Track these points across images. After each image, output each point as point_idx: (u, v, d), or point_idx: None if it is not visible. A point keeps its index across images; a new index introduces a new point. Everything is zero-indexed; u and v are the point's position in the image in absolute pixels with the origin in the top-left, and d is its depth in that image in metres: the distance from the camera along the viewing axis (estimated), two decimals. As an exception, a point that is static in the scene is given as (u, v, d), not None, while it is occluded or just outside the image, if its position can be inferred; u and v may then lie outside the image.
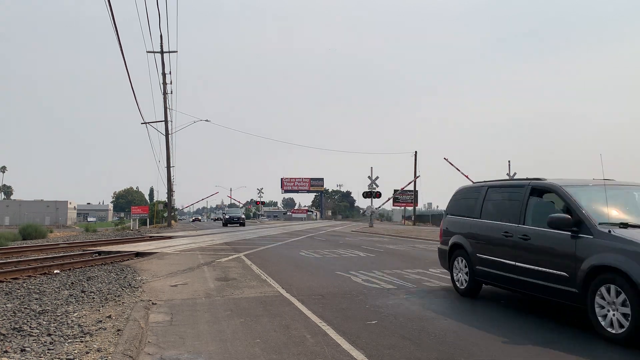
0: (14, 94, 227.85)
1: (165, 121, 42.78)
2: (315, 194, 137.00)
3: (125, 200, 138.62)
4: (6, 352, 4.87)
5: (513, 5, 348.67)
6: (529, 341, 5.46)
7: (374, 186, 45.37)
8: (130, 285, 9.32)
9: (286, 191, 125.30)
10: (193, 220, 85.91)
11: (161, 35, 53.92)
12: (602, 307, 5.42)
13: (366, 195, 45.95)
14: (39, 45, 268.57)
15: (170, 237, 25.66)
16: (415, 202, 73.30)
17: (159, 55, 41.48)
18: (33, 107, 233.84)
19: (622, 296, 5.16)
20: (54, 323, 6.13)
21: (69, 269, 11.98)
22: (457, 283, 8.39)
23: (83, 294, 8.27)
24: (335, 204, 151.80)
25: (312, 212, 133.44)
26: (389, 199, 66.17)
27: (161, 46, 40.99)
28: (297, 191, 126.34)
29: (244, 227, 45.20)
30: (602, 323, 5.38)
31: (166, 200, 47.73)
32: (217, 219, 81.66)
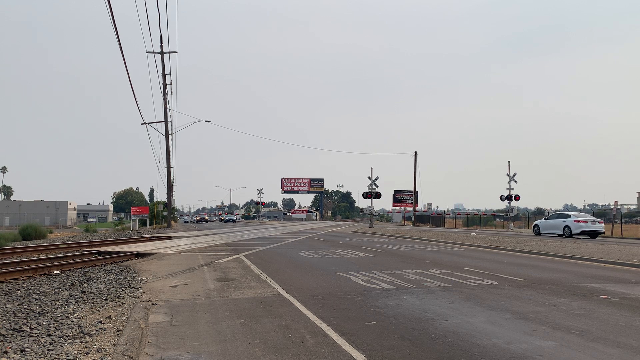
0: (14, 94, 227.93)
1: (165, 122, 42.78)
2: (315, 194, 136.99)
3: (125, 201, 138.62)
4: (6, 352, 4.87)
5: (512, 6, 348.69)
6: (529, 344, 5.46)
7: (374, 186, 45.36)
8: (130, 285, 9.32)
9: (286, 191, 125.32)
10: (198, 221, 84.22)
11: (161, 36, 54.03)
12: None
13: (366, 195, 45.96)
14: (38, 46, 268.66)
15: (170, 238, 25.66)
16: (415, 202, 73.32)
17: (159, 56, 41.51)
18: (33, 107, 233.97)
19: None
20: (53, 323, 6.13)
21: (69, 270, 11.98)
22: None
23: (83, 295, 8.27)
24: (335, 204, 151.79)
25: (312, 212, 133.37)
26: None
27: (161, 47, 41.01)
28: (297, 191, 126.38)
29: (235, 223, 78.03)
30: None
31: (166, 200, 47.71)
32: (222, 220, 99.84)
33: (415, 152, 65.63)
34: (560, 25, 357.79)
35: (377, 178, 45.29)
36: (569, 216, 29.50)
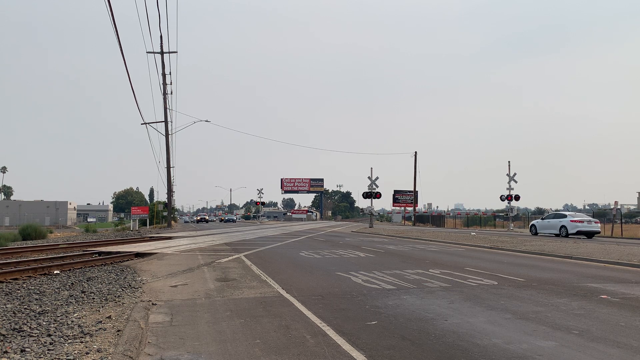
0: (14, 94, 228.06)
1: (165, 122, 42.77)
2: (315, 194, 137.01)
3: (125, 201, 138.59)
4: (6, 352, 4.87)
5: (512, 6, 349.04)
6: (529, 344, 5.46)
7: (374, 186, 45.35)
8: (130, 285, 9.32)
9: (286, 191, 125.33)
10: (199, 221, 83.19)
11: (161, 36, 54.03)
12: None
13: (366, 195, 45.95)
14: (38, 46, 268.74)
15: (170, 238, 25.66)
16: (415, 202, 73.32)
17: (159, 56, 41.51)
18: (33, 107, 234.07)
19: None
20: (54, 323, 6.13)
21: (69, 270, 11.98)
22: None
23: (83, 295, 8.27)
24: (335, 204, 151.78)
25: (312, 212, 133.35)
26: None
27: (161, 47, 41.01)
28: (297, 191, 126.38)
29: (235, 223, 78.15)
30: None
31: (166, 200, 47.71)
32: (222, 220, 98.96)
33: (415, 152, 65.69)
34: (560, 25, 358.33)
35: (377, 178, 45.29)
36: (565, 216, 30.03)
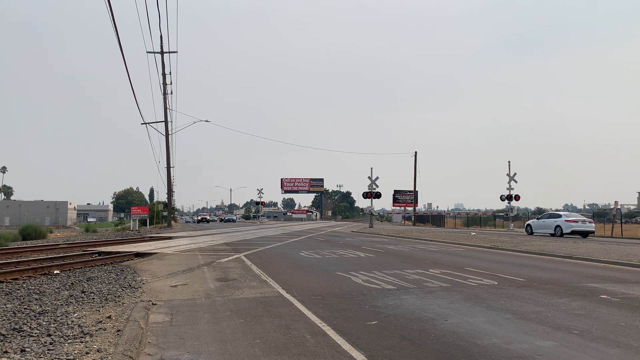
0: (14, 94, 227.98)
1: (165, 122, 42.76)
2: (315, 194, 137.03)
3: (125, 201, 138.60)
4: (6, 352, 4.87)
5: (512, 7, 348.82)
6: (529, 344, 5.46)
7: (374, 186, 45.34)
8: (130, 285, 9.31)
9: (286, 191, 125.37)
10: (199, 221, 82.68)
11: (161, 36, 54.02)
12: None
13: (366, 195, 45.94)
14: (38, 46, 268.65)
15: (170, 238, 25.65)
16: (415, 202, 73.33)
17: (159, 56, 41.51)
18: (33, 107, 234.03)
19: None
20: (54, 323, 6.12)
21: (69, 270, 11.97)
22: None
23: (83, 295, 8.26)
24: (335, 204, 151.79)
25: (312, 212, 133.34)
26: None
27: (161, 47, 41.00)
28: (297, 191, 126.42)
29: (235, 223, 78.10)
30: None
31: (166, 200, 47.70)
32: (222, 220, 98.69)
33: (415, 152, 65.68)
34: (560, 25, 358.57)
35: (377, 178, 45.27)
36: (560, 216, 30.45)
